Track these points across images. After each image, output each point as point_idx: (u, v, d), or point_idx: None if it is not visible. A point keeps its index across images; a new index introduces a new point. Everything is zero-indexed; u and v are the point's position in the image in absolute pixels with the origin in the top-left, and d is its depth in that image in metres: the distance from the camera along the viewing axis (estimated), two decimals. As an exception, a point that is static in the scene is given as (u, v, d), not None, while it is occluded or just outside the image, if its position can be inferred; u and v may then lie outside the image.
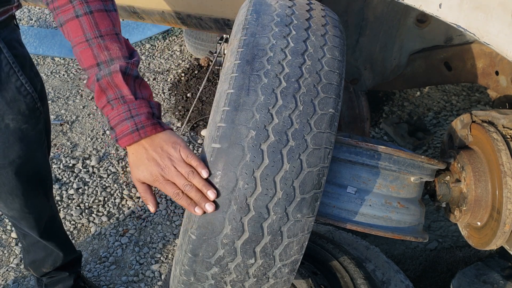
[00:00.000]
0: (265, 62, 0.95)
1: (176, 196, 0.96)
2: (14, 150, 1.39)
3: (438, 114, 3.00)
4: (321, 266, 1.63)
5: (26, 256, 1.83)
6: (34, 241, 1.74)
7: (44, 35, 4.17)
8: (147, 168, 0.98)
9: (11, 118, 1.35)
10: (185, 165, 0.96)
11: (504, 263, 1.86)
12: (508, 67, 1.80)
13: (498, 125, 1.27)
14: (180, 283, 1.04)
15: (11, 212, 1.55)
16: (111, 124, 1.00)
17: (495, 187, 1.22)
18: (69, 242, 1.88)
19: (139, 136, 0.98)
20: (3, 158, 1.39)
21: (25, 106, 1.36)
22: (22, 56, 1.36)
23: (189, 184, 0.94)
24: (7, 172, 1.42)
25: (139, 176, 1.00)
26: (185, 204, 0.94)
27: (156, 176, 0.97)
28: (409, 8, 1.85)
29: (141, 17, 2.27)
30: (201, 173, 0.93)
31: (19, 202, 1.51)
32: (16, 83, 1.32)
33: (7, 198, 1.49)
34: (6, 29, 1.31)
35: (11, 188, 1.46)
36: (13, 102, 1.33)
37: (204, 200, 0.92)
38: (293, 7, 1.07)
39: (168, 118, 3.15)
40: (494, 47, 0.96)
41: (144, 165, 0.98)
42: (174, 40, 4.07)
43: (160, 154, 0.97)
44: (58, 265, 1.83)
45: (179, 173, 0.96)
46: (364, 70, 2.03)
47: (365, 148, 1.13)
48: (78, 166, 2.78)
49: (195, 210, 0.92)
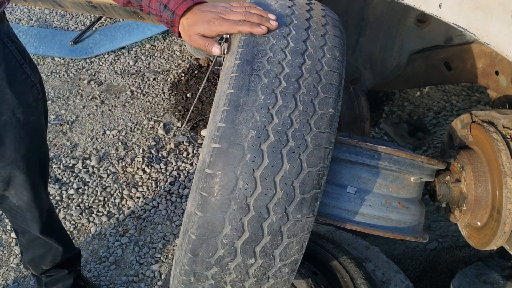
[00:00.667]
0: (265, 62, 0.95)
1: (237, 23, 0.98)
2: (25, 144, 1.43)
3: (438, 114, 3.00)
4: (321, 266, 1.63)
5: (25, 254, 1.83)
6: (33, 237, 1.75)
7: (44, 35, 4.17)
8: (204, 17, 1.02)
9: (21, 112, 1.38)
10: (240, 6, 1.03)
11: (504, 263, 1.86)
12: (508, 67, 1.80)
13: (498, 125, 1.27)
14: (180, 283, 1.04)
15: (19, 201, 1.57)
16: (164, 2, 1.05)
17: (495, 187, 1.22)
18: (67, 237, 1.89)
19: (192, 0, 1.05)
20: (15, 153, 1.42)
21: (32, 98, 1.40)
22: (22, 50, 1.39)
23: (249, 13, 0.99)
24: (18, 166, 1.45)
25: (199, 30, 1.03)
26: (248, 28, 0.97)
27: (215, 19, 1.01)
28: (409, 8, 1.85)
29: (141, 17, 2.27)
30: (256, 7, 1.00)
31: (27, 195, 1.54)
32: (22, 76, 1.36)
33: (18, 189, 1.52)
34: (2, 23, 1.34)
35: (23, 180, 1.50)
36: (22, 95, 1.37)
37: (267, 19, 0.98)
38: (293, 7, 1.07)
39: (168, 118, 3.15)
40: (494, 47, 0.96)
41: (201, 18, 1.03)
42: (174, 40, 4.07)
43: (213, 7, 1.04)
44: (57, 262, 1.84)
45: (236, 12, 1.01)
46: (364, 70, 2.03)
47: (365, 148, 1.13)
48: (78, 166, 2.78)
49: (261, 28, 0.96)
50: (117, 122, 3.13)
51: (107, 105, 3.29)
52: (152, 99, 3.34)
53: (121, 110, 3.24)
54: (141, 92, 3.41)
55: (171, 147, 2.89)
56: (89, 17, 4.40)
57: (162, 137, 2.99)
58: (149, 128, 3.06)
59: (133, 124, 3.10)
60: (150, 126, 3.08)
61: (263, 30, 0.96)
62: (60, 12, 4.54)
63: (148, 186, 2.64)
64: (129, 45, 3.96)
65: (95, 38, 4.06)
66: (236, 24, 0.98)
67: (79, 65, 3.75)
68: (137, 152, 2.87)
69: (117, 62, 3.78)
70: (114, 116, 3.19)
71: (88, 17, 4.42)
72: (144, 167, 2.75)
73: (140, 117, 3.16)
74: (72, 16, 4.49)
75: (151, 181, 2.66)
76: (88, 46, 3.96)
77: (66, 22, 4.41)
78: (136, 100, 3.33)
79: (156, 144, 2.93)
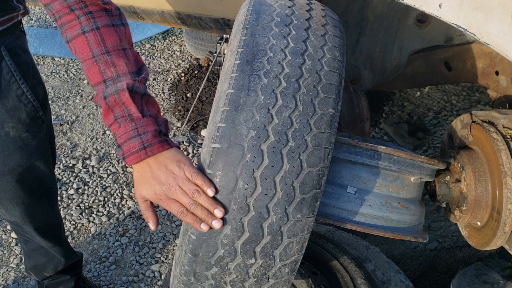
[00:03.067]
0: (265, 62, 0.95)
1: (180, 214, 0.94)
2: (14, 158, 1.38)
3: (438, 114, 3.00)
4: (321, 266, 1.63)
5: (27, 261, 1.82)
6: (35, 247, 1.74)
7: (44, 35, 4.17)
8: (151, 186, 0.98)
9: (11, 126, 1.34)
10: (189, 183, 0.94)
11: (504, 263, 1.86)
12: (508, 67, 1.80)
13: (498, 125, 1.27)
14: (180, 283, 1.04)
15: (13, 218, 1.54)
16: (118, 142, 1.00)
17: (495, 187, 1.22)
18: (69, 248, 1.87)
19: (145, 154, 0.98)
20: (2, 166, 1.38)
21: (26, 115, 1.35)
22: (25, 64, 1.34)
23: (194, 203, 0.93)
24: (7, 180, 1.41)
25: (143, 194, 1.00)
26: (191, 221, 0.92)
27: (160, 195, 0.97)
28: (409, 8, 1.85)
29: (141, 17, 2.27)
30: (206, 192, 0.91)
31: (19, 210, 1.50)
32: (17, 91, 1.31)
33: (8, 204, 1.48)
34: (10, 36, 1.29)
35: (11, 196, 1.45)
36: (14, 110, 1.32)
37: (211, 218, 0.91)
38: (293, 7, 1.07)
39: (168, 118, 3.15)
40: (494, 47, 0.96)
41: (148, 184, 0.98)
42: (174, 40, 4.07)
43: (164, 172, 0.97)
44: (59, 269, 1.83)
45: (184, 191, 0.95)
46: (364, 70, 2.04)
47: (365, 148, 1.13)
48: (78, 166, 2.78)
49: (201, 227, 0.91)
50: (117, 122, 3.13)
51: (107, 105, 3.29)
52: (152, 99, 3.34)
53: (121, 110, 3.23)
54: (141, 92, 3.40)
55: (171, 147, 2.89)
56: (89, 17, 4.39)
57: (162, 137, 2.99)
58: (149, 128, 3.06)
59: (133, 124, 3.09)
60: (150, 126, 3.07)
61: (204, 229, 0.91)
62: (60, 12, 4.53)
63: (148, 186, 2.64)
64: (129, 45, 3.96)
65: (95, 38, 4.06)
66: (179, 212, 0.94)
67: (79, 65, 3.75)
68: (137, 152, 2.86)
69: (117, 62, 3.78)
70: (114, 116, 3.19)
71: (88, 17, 4.41)
72: (144, 167, 2.74)
73: (140, 117, 3.16)
74: (72, 16, 4.49)
75: (151, 181, 2.66)
76: (88, 46, 3.96)
77: (66, 22, 4.40)
78: (136, 100, 3.32)
79: (156, 144, 2.92)
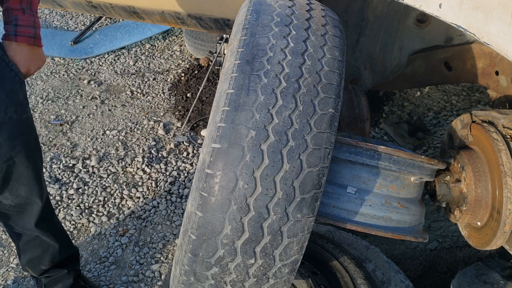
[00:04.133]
0: (265, 62, 0.95)
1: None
2: (20, 141, 1.46)
3: (438, 114, 3.00)
4: (321, 266, 1.63)
5: (22, 257, 1.83)
6: (29, 238, 1.75)
7: (44, 35, 4.14)
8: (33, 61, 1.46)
9: (13, 110, 1.41)
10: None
11: (504, 263, 1.86)
12: (508, 67, 1.80)
13: (498, 125, 1.27)
14: (180, 283, 1.04)
15: (17, 199, 1.59)
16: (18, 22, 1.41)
17: (495, 187, 1.22)
18: (65, 234, 1.89)
19: (34, 42, 1.45)
20: (11, 150, 1.45)
21: (23, 95, 1.45)
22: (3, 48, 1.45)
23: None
24: (13, 163, 1.48)
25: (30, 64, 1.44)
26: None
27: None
28: (409, 8, 1.85)
29: (141, 17, 2.27)
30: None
31: (24, 190, 1.57)
32: (10, 73, 1.40)
33: (13, 185, 1.54)
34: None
35: (17, 176, 1.52)
36: (12, 93, 1.40)
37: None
38: (293, 7, 1.07)
39: (168, 118, 3.15)
40: (494, 47, 0.96)
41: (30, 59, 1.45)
42: (174, 40, 4.07)
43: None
44: (56, 261, 1.83)
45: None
46: (364, 70, 2.04)
47: (365, 148, 1.13)
48: (78, 166, 2.78)
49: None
50: (117, 122, 3.13)
51: (107, 105, 3.29)
52: (152, 99, 3.34)
53: (121, 110, 3.24)
54: (141, 92, 3.41)
55: (171, 147, 2.89)
56: (89, 17, 4.40)
57: (162, 137, 2.99)
58: (149, 128, 3.06)
59: (133, 124, 3.10)
60: (150, 126, 3.08)
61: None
62: (60, 12, 4.54)
63: (148, 186, 2.64)
64: (129, 45, 3.96)
65: (95, 38, 4.06)
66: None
67: (79, 65, 3.76)
68: (137, 152, 2.87)
69: (117, 62, 3.78)
70: (114, 116, 3.19)
71: (88, 17, 4.42)
72: (144, 167, 2.75)
73: (140, 117, 3.16)
74: (72, 16, 4.50)
75: (151, 181, 2.66)
76: (88, 46, 3.96)
77: (66, 22, 4.41)
78: (136, 100, 3.33)
79: (156, 144, 2.92)
